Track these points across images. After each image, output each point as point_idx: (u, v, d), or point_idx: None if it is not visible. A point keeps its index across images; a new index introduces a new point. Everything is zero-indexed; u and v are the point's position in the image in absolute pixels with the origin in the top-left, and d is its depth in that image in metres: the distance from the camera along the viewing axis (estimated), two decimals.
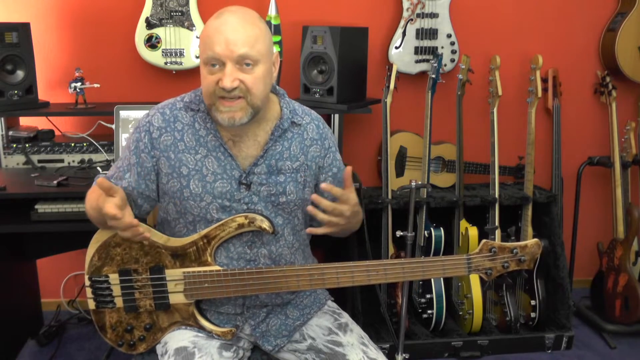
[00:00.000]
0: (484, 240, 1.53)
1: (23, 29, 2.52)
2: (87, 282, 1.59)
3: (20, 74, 2.53)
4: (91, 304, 1.61)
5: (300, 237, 1.68)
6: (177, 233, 1.61)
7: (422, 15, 2.86)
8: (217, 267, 1.55)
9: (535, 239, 1.54)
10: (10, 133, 2.60)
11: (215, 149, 1.57)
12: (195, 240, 1.56)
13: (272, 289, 1.55)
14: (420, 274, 1.53)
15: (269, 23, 2.65)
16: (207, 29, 1.49)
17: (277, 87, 1.67)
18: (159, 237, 1.57)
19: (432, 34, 2.88)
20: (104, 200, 1.41)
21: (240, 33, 1.46)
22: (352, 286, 2.40)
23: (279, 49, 2.69)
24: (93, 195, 1.55)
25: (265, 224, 1.54)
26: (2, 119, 2.58)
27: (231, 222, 1.54)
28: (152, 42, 2.71)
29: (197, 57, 2.73)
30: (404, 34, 2.87)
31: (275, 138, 1.59)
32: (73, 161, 2.61)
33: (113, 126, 2.48)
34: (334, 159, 1.69)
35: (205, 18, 2.72)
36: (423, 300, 2.78)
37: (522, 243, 1.52)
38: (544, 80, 3.02)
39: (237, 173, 1.57)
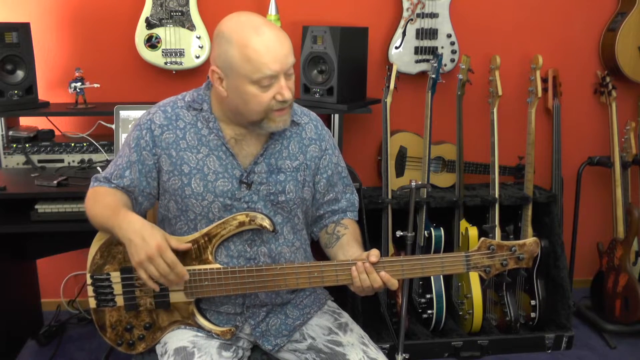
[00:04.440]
0: (482, 238, 1.54)
1: (23, 29, 2.52)
2: (89, 280, 1.59)
3: (20, 74, 2.53)
4: (92, 303, 1.61)
5: (300, 237, 1.69)
6: (177, 231, 1.62)
7: (422, 15, 2.86)
8: (217, 265, 1.56)
9: (534, 238, 1.54)
10: (10, 133, 2.60)
11: (216, 148, 1.57)
12: (196, 239, 1.56)
13: (271, 287, 1.55)
14: (419, 272, 1.53)
15: None
16: (253, 47, 1.42)
17: None
18: None
19: (432, 34, 2.88)
20: (165, 242, 1.44)
21: (285, 45, 1.47)
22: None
23: None
24: (105, 200, 1.54)
25: (266, 222, 1.54)
26: (2, 119, 2.58)
27: (232, 220, 1.55)
28: (152, 42, 2.71)
29: (197, 57, 2.73)
30: (404, 34, 2.87)
31: (275, 136, 1.60)
32: (73, 161, 2.61)
33: (113, 126, 2.48)
34: (329, 162, 1.69)
35: (205, 18, 2.72)
36: (423, 300, 2.78)
37: (520, 241, 1.53)
38: (544, 80, 3.02)
39: (238, 172, 1.57)
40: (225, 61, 1.46)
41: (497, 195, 2.80)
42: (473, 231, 2.74)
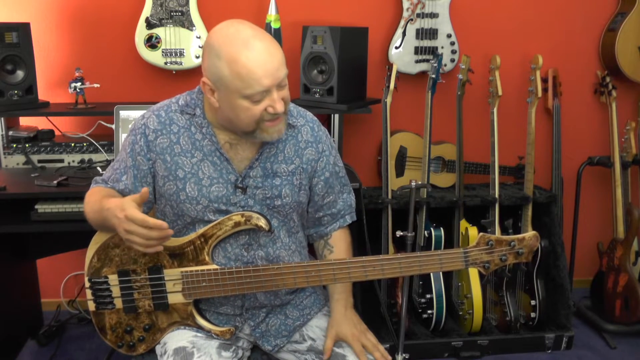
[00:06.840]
0: (481, 234, 1.53)
1: (23, 29, 2.52)
2: (87, 284, 1.60)
3: (20, 74, 2.54)
4: (91, 306, 1.61)
5: (297, 240, 1.69)
6: (174, 235, 1.61)
7: (422, 15, 2.86)
8: (214, 266, 1.56)
9: (533, 232, 1.53)
10: (10, 133, 2.60)
11: (211, 154, 1.57)
12: (192, 240, 1.56)
13: (269, 287, 1.55)
14: (417, 269, 1.52)
15: (268, 25, 2.65)
16: (242, 63, 1.39)
17: None
18: None
19: (432, 34, 2.88)
20: (127, 204, 1.38)
21: (276, 58, 1.42)
22: (350, 283, 2.40)
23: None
24: (94, 197, 1.55)
25: (262, 222, 1.54)
26: (2, 119, 2.58)
27: (228, 221, 1.54)
28: (152, 42, 2.70)
29: (197, 57, 2.73)
30: (404, 34, 2.87)
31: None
32: (73, 161, 2.61)
33: (113, 126, 2.48)
34: (327, 163, 1.67)
35: (205, 18, 2.72)
36: (423, 300, 2.78)
37: (519, 235, 1.52)
38: (544, 80, 3.02)
39: (233, 177, 1.57)
40: (215, 75, 1.43)
41: (497, 195, 2.80)
42: (473, 231, 2.74)
